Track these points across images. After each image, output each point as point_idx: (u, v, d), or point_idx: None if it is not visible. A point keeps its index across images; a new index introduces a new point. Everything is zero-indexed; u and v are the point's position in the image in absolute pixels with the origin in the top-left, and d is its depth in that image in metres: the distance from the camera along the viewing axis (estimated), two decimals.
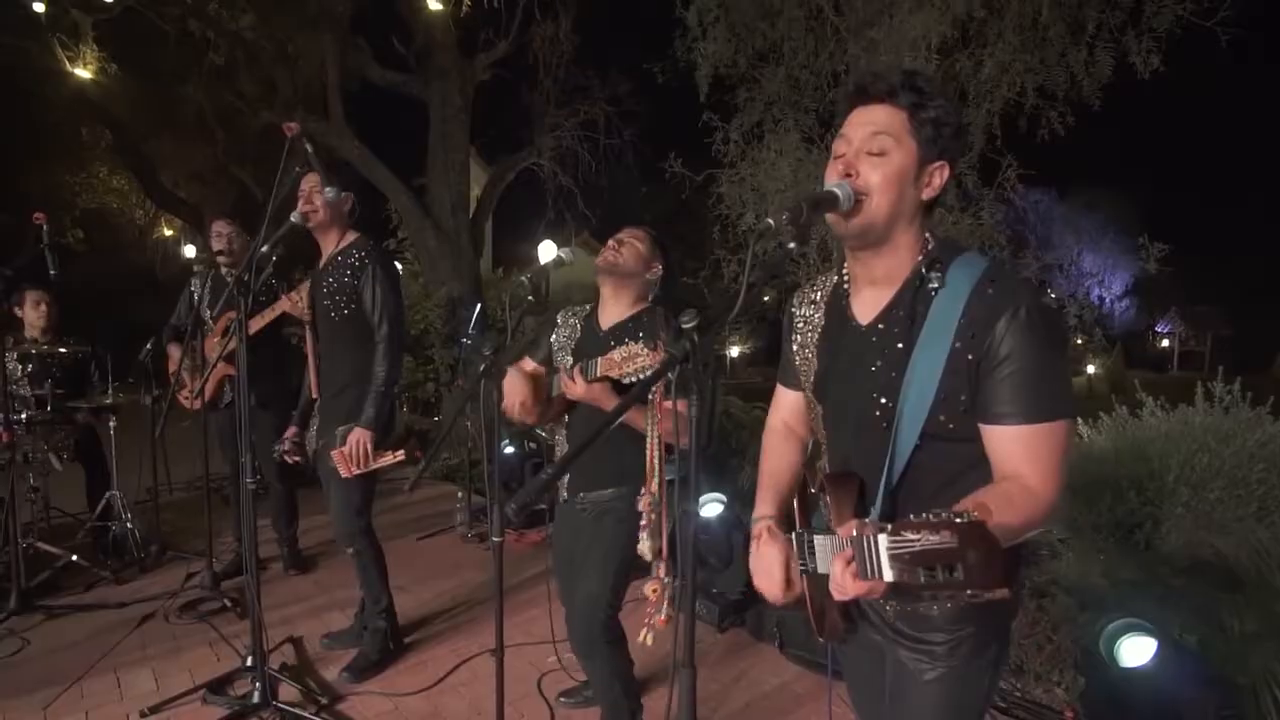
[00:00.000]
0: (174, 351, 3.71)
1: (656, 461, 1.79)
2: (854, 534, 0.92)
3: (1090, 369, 21.94)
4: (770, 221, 1.01)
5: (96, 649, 2.96)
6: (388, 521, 4.86)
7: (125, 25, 8.64)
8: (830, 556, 1.06)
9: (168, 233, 19.42)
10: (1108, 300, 30.30)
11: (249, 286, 2.33)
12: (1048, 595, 2.86)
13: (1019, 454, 1.07)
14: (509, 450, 4.94)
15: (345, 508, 2.73)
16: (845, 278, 1.28)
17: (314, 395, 2.81)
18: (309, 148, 2.33)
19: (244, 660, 2.70)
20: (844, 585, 0.95)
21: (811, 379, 1.31)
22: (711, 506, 3.43)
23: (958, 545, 0.77)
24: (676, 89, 5.08)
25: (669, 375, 0.96)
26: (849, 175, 1.12)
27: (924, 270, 1.16)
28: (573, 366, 1.89)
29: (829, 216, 1.13)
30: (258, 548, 2.48)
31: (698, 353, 0.94)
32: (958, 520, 0.78)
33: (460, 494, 4.72)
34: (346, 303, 2.66)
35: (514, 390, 2.03)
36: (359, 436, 2.57)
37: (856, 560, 0.91)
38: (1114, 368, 21.92)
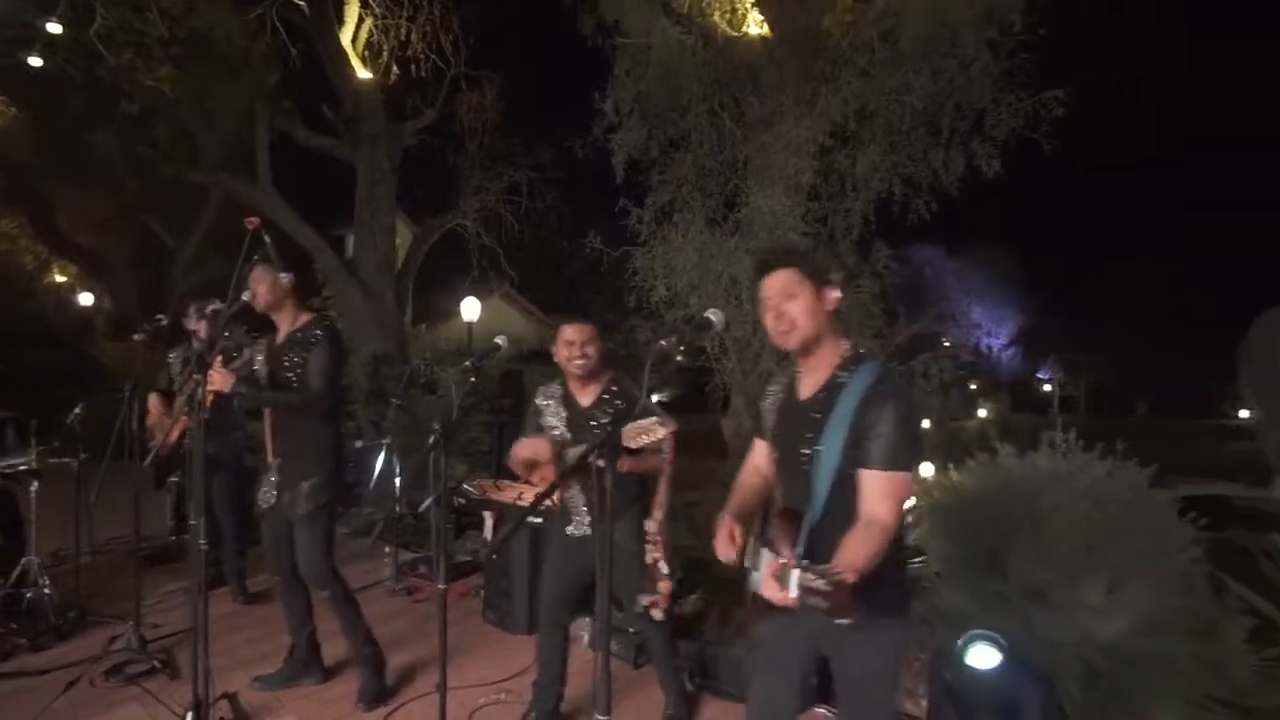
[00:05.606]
0: (153, 404, 4.09)
1: (663, 494, 2.60)
2: (781, 563, 1.46)
3: (982, 413, 23.36)
4: (664, 343, 1.42)
5: (23, 715, 2.98)
6: None
7: (32, 70, 8.51)
8: (767, 565, 1.60)
9: (60, 279, 18.47)
10: (995, 348, 32.79)
11: (206, 363, 2.57)
12: (927, 623, 3.35)
13: (878, 491, 1.64)
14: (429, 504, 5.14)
15: (312, 554, 2.98)
16: (798, 369, 1.87)
17: (268, 458, 3.08)
18: (267, 239, 2.62)
19: (182, 719, 2.81)
20: (769, 591, 1.49)
21: (770, 432, 1.91)
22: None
23: (833, 592, 1.35)
24: (596, 161, 5.56)
25: (590, 459, 1.34)
26: (779, 316, 1.72)
27: (838, 371, 1.76)
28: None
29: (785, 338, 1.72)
30: (207, 607, 2.64)
31: (611, 442, 1.33)
32: (837, 578, 1.36)
33: (388, 549, 4.86)
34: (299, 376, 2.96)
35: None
36: None
37: (780, 580, 1.44)
38: (1002, 411, 23.62)
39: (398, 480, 5.21)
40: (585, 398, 2.73)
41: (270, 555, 3.18)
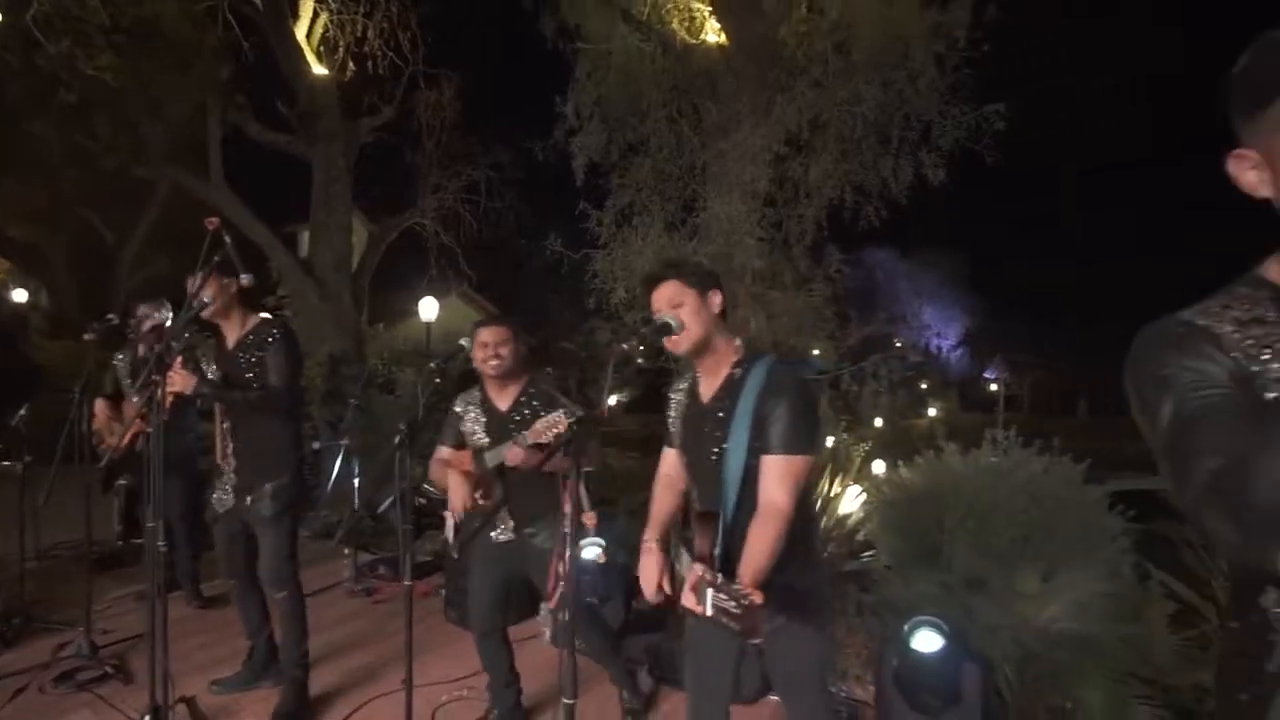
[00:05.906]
0: (99, 409, 3.98)
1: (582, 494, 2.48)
2: (699, 577, 1.49)
3: (932, 412, 23.97)
4: (624, 347, 1.50)
5: None
6: None
7: None
8: (688, 573, 1.64)
9: None
10: (944, 349, 33.73)
11: (166, 364, 2.54)
12: (877, 614, 3.50)
13: (775, 474, 1.69)
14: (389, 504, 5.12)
15: (277, 555, 2.97)
16: (697, 375, 1.93)
17: (219, 461, 3.02)
18: (228, 240, 2.60)
19: None
20: (688, 602, 1.50)
21: (679, 440, 1.95)
22: (590, 550, 3.83)
23: (743, 614, 1.41)
24: (556, 163, 5.59)
25: (562, 449, 1.41)
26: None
27: (734, 369, 1.83)
28: (510, 442, 2.51)
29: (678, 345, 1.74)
30: (166, 610, 2.62)
31: (579, 439, 1.40)
32: (746, 601, 1.41)
33: (347, 551, 4.83)
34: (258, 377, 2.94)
35: (461, 491, 2.53)
36: None
37: (698, 594, 1.48)
38: (951, 410, 24.39)
39: (356, 481, 5.17)
40: (503, 401, 2.70)
41: (225, 559, 3.15)
